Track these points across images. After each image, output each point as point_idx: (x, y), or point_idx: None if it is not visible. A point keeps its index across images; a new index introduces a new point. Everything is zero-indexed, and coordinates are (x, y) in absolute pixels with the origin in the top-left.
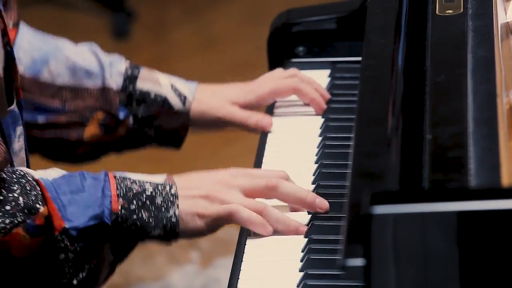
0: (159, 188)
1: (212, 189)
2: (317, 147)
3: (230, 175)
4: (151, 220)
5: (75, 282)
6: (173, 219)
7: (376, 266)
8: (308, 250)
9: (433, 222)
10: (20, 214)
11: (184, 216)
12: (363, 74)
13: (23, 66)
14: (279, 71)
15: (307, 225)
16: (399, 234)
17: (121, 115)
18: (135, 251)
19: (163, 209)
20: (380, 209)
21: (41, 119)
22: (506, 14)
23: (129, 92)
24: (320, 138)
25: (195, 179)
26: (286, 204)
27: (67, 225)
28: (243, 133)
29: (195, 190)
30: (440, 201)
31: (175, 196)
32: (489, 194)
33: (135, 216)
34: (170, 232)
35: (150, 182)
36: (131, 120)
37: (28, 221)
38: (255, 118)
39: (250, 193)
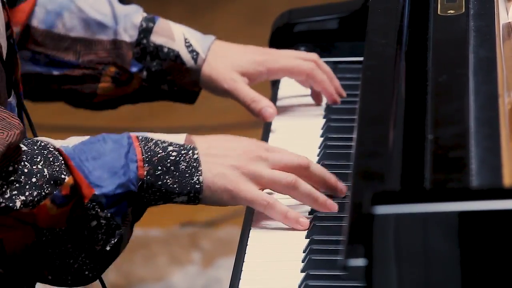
0: (182, 152)
1: (240, 159)
2: (319, 148)
3: (257, 146)
4: (175, 186)
5: (108, 248)
6: (197, 186)
7: (378, 267)
8: (309, 251)
9: (434, 222)
10: (47, 185)
11: (208, 184)
12: (364, 74)
13: (37, 19)
14: (299, 52)
15: (309, 225)
16: (401, 234)
17: (134, 68)
18: (136, 252)
19: (187, 175)
20: (382, 209)
21: (56, 72)
22: (507, 14)
23: (143, 45)
24: (322, 138)
25: (218, 144)
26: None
27: (96, 191)
28: (244, 132)
29: (221, 157)
30: (441, 201)
31: (198, 161)
32: (490, 194)
33: (160, 182)
34: (194, 198)
35: (172, 145)
36: (144, 74)
37: (55, 192)
38: (260, 105)
39: (281, 169)
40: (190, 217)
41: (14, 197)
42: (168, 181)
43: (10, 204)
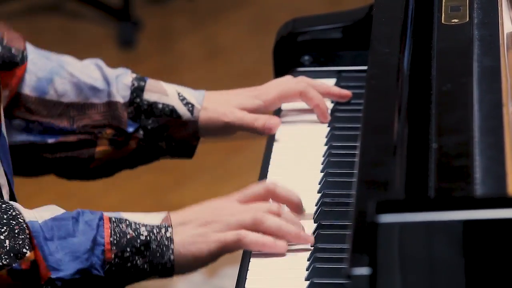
0: (154, 231)
1: (210, 215)
2: (323, 156)
3: (228, 199)
4: (146, 266)
5: None
6: (168, 265)
7: (382, 275)
8: (314, 259)
9: (439, 231)
10: (5, 256)
11: (181, 256)
12: (368, 83)
13: (28, 87)
14: (287, 77)
15: (313, 233)
16: (405, 243)
17: (130, 129)
18: None
19: (158, 255)
20: (386, 218)
21: (50, 140)
22: None
23: (137, 104)
24: (326, 147)
25: (192, 212)
26: None
27: (52, 275)
28: (249, 142)
29: (192, 222)
30: (446, 210)
31: (170, 240)
32: (495, 203)
33: (129, 264)
34: (165, 275)
35: (146, 225)
36: (141, 133)
37: (14, 264)
38: (262, 119)
39: (252, 200)
40: None
41: None
42: (138, 262)
43: None
